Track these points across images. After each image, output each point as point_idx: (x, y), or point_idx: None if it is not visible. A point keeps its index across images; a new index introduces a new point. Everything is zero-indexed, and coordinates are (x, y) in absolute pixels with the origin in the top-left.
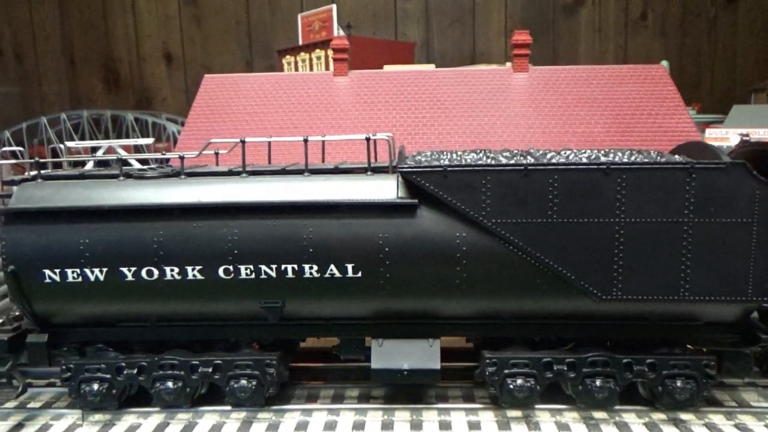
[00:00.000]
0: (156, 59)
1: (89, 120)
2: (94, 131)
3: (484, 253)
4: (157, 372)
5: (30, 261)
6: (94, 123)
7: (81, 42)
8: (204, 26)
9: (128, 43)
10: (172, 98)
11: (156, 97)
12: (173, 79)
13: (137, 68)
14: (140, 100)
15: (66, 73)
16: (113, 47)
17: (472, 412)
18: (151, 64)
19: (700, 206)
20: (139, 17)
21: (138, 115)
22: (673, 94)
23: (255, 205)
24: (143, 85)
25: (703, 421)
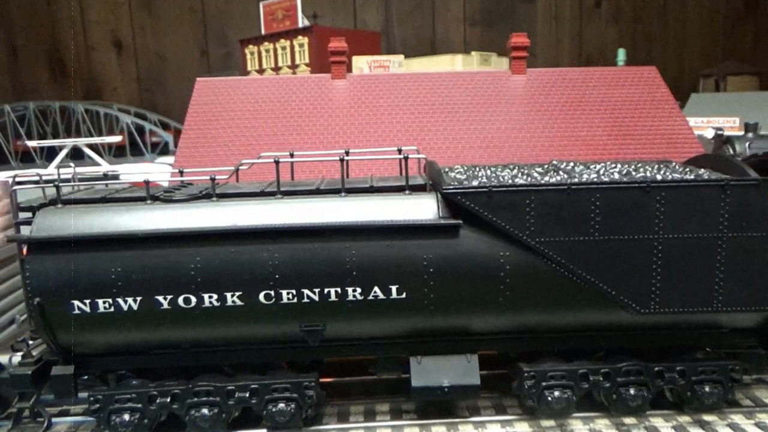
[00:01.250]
0: (105, 47)
1: (35, 112)
2: (41, 124)
3: (527, 271)
4: (191, 399)
5: (57, 292)
6: (41, 115)
7: (23, 29)
8: (155, 12)
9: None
10: (124, 88)
11: (106, 86)
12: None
13: (85, 57)
14: (89, 91)
15: (8, 63)
16: (58, 35)
17: (507, 423)
18: (100, 53)
19: (734, 221)
20: (86, 2)
21: (88, 106)
22: (666, 96)
23: (296, 228)
24: (92, 74)
25: (725, 421)
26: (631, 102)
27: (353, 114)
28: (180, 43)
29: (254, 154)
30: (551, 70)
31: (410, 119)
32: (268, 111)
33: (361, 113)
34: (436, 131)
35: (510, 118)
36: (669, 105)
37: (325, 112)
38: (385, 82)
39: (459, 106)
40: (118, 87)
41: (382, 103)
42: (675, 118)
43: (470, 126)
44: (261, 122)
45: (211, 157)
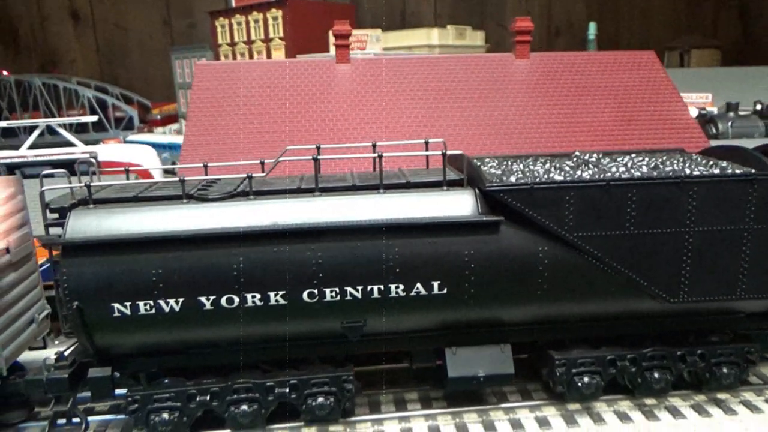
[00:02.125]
0: (61, 18)
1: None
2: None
3: (563, 264)
4: (231, 396)
5: (96, 296)
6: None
7: None
8: None
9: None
10: (83, 60)
11: (64, 59)
12: (82, 39)
13: (40, 28)
14: (45, 63)
15: None
16: (10, 4)
17: (536, 408)
18: (56, 23)
19: (759, 213)
20: None
21: (46, 80)
22: (666, 81)
23: (340, 227)
24: (48, 46)
25: (738, 399)
26: (632, 87)
27: (359, 99)
28: (141, 14)
29: (262, 142)
30: (553, 54)
31: (416, 104)
32: (272, 96)
33: (367, 98)
34: (443, 117)
35: (516, 103)
36: (669, 90)
37: (331, 97)
38: (389, 66)
39: (465, 91)
40: (77, 59)
41: (388, 89)
42: (675, 103)
43: (477, 111)
44: (266, 108)
45: (219, 145)
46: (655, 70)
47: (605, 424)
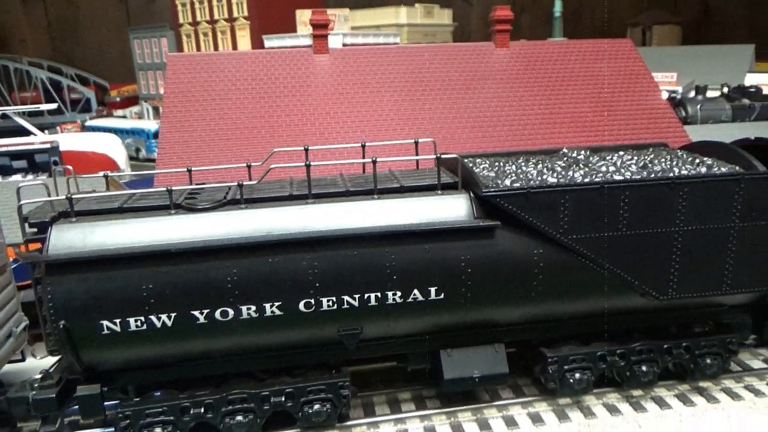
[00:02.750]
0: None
1: None
2: None
3: (557, 266)
4: (226, 407)
5: (84, 314)
6: None
7: None
8: None
9: None
10: (33, 39)
11: (12, 37)
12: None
13: None
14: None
15: None
16: None
17: (528, 404)
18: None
19: (745, 211)
20: None
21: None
22: (643, 70)
23: (336, 236)
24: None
25: (719, 386)
26: (611, 76)
27: (339, 92)
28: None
29: (242, 139)
30: (533, 43)
31: (398, 96)
32: (249, 89)
33: (348, 91)
34: (426, 109)
35: (498, 94)
36: (646, 79)
37: (311, 89)
38: (368, 56)
39: (447, 82)
40: (27, 38)
41: (369, 80)
42: (653, 92)
43: (460, 102)
44: (244, 102)
45: (197, 143)
46: (633, 59)
47: (596, 418)
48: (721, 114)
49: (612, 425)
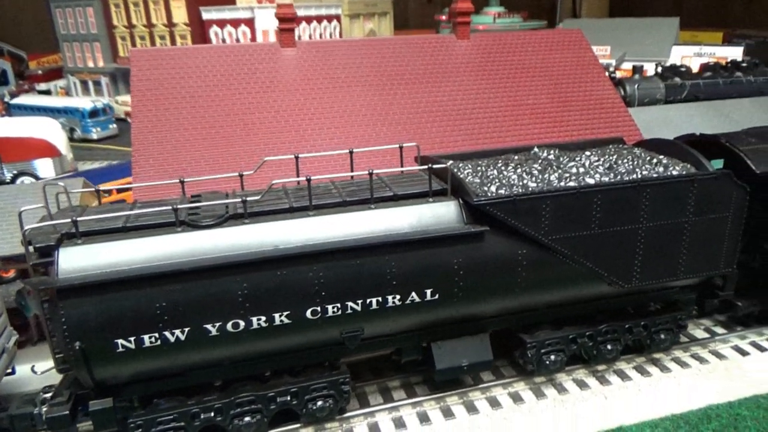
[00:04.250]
0: None
1: None
2: None
3: (538, 263)
4: (234, 410)
5: (99, 334)
6: None
7: None
8: None
9: None
10: None
11: None
12: None
13: None
14: None
15: None
16: None
17: (508, 385)
18: None
19: (698, 207)
20: None
21: None
22: (593, 60)
23: (341, 247)
24: None
25: (670, 357)
26: (565, 66)
27: (310, 87)
28: None
29: (217, 138)
30: (491, 34)
31: (368, 91)
32: (219, 85)
33: (318, 86)
34: (395, 103)
35: (463, 87)
36: (596, 69)
37: (282, 85)
38: (334, 48)
39: (413, 75)
40: None
41: (338, 74)
42: (603, 82)
43: (428, 96)
44: (215, 99)
45: (172, 144)
46: (583, 49)
47: (568, 393)
48: (656, 92)
49: (582, 398)
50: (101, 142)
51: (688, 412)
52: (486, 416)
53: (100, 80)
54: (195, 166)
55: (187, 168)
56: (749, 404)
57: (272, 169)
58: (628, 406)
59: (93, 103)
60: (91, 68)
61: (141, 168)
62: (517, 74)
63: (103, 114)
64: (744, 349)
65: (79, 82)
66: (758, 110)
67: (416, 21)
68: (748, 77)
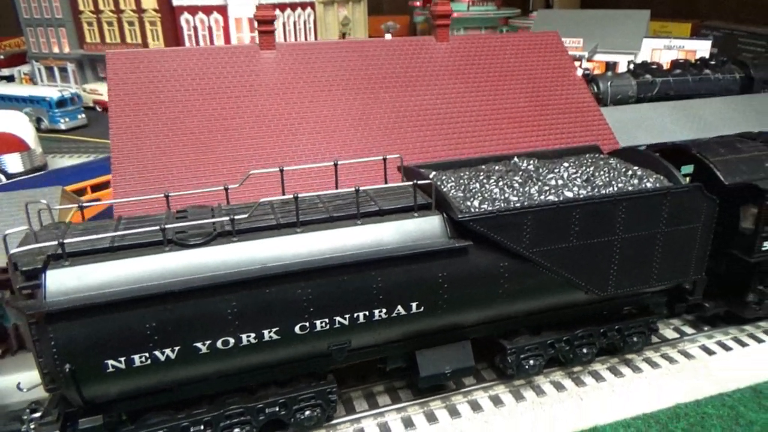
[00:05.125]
0: None
1: None
2: None
3: (519, 274)
4: (224, 422)
5: (88, 355)
6: None
7: None
8: None
9: None
10: None
11: None
12: None
13: None
14: None
15: None
16: None
17: (489, 388)
18: None
19: (669, 219)
20: None
21: None
22: (568, 62)
23: (328, 265)
24: None
25: (642, 357)
26: (542, 68)
27: (290, 90)
28: None
29: (198, 144)
30: (470, 36)
31: (348, 94)
32: (197, 89)
33: (298, 90)
34: (376, 106)
35: (443, 91)
36: (571, 72)
37: (261, 89)
38: (314, 51)
39: (393, 78)
40: None
41: (318, 77)
42: (578, 85)
43: (408, 99)
44: (194, 104)
45: (152, 150)
46: (559, 52)
47: (545, 395)
48: (628, 89)
49: (559, 400)
50: (70, 133)
51: (658, 411)
52: (468, 420)
53: (66, 67)
54: (176, 173)
55: (168, 176)
56: (715, 402)
57: (258, 179)
58: (602, 406)
59: (60, 92)
60: (56, 54)
61: (121, 176)
62: (496, 77)
63: (71, 104)
64: (711, 349)
65: (44, 68)
66: (727, 109)
67: (390, 6)
68: (716, 75)
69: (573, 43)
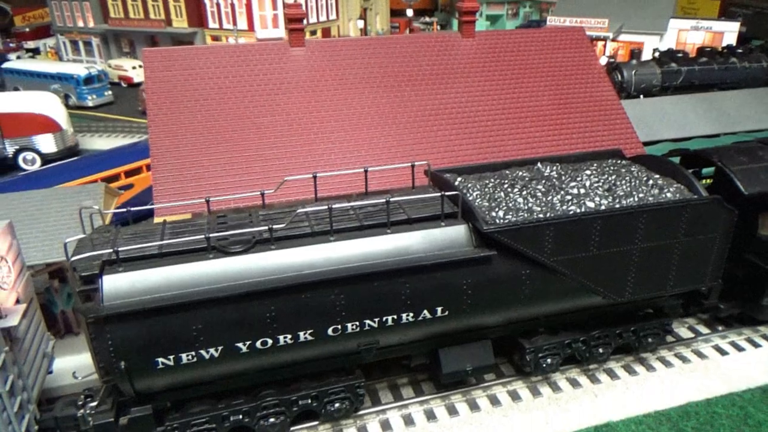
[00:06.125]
0: None
1: None
2: None
3: (541, 281)
4: (261, 412)
5: (141, 354)
6: None
7: None
8: None
9: None
10: None
11: None
12: None
13: None
14: None
15: None
16: None
17: (507, 383)
18: None
19: (688, 229)
20: None
21: None
22: (593, 59)
23: (360, 274)
24: None
25: (656, 356)
26: (566, 66)
27: (319, 88)
28: None
29: (231, 143)
30: (495, 32)
31: (377, 91)
32: (229, 86)
33: (327, 87)
34: (403, 104)
35: (468, 88)
36: (596, 69)
37: (291, 87)
38: (342, 47)
39: (419, 74)
40: None
41: (346, 74)
42: (602, 83)
43: (433, 97)
44: (227, 102)
45: (189, 149)
46: (584, 49)
47: (561, 391)
48: (653, 78)
49: (574, 396)
50: (97, 110)
51: (669, 409)
52: (487, 413)
53: (90, 41)
54: (212, 170)
55: (204, 174)
56: (725, 402)
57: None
58: (616, 403)
59: (87, 69)
60: (81, 28)
61: (159, 173)
62: (521, 74)
63: (98, 81)
64: (724, 349)
65: (69, 42)
66: (753, 103)
67: None
68: (743, 63)
69: (598, 23)
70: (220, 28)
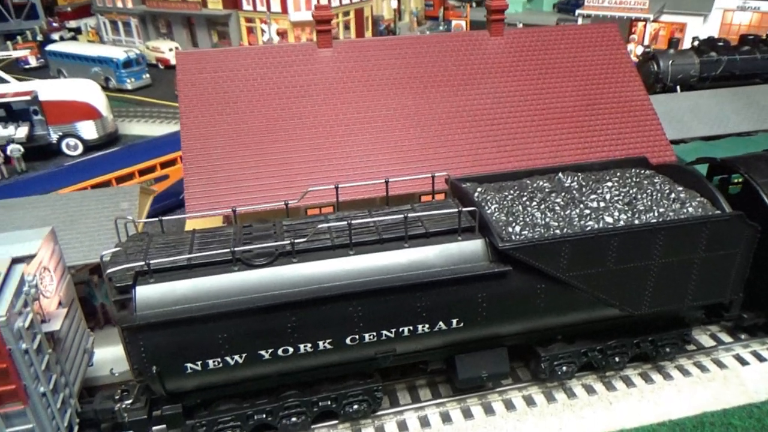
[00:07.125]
0: None
1: None
2: None
3: (556, 295)
4: (283, 412)
5: (171, 360)
6: None
7: None
8: None
9: None
10: None
11: None
12: None
13: None
14: None
15: None
16: None
17: (523, 389)
18: None
19: (709, 245)
20: None
21: None
22: (625, 58)
23: (378, 288)
24: None
25: (674, 364)
26: (595, 66)
27: (346, 90)
28: None
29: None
30: (525, 30)
31: (402, 92)
32: (258, 88)
33: (354, 89)
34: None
35: (492, 90)
36: (628, 68)
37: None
38: (369, 48)
39: (446, 75)
40: None
41: (373, 76)
42: (633, 83)
43: (458, 99)
44: (255, 103)
45: (219, 153)
46: (616, 46)
47: (576, 398)
48: (690, 68)
49: (589, 403)
50: (135, 93)
51: (684, 419)
52: (501, 417)
53: (129, 21)
54: (240, 175)
55: (233, 177)
56: (742, 413)
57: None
58: (630, 411)
59: (126, 53)
60: (120, 8)
61: (191, 177)
62: (549, 75)
63: (136, 64)
64: (744, 359)
65: (109, 22)
66: None
67: None
68: None
69: (638, 3)
70: (254, 10)
